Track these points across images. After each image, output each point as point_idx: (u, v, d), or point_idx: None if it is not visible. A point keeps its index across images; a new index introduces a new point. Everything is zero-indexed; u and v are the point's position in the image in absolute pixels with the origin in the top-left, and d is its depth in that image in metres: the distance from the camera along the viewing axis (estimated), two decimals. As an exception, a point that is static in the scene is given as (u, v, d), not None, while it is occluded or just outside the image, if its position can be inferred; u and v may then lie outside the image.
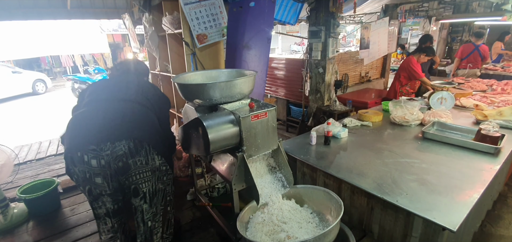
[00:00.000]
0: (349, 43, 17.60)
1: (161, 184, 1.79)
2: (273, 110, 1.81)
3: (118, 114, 1.64)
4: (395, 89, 4.28)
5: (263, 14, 2.84)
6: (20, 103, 10.10)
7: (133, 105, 1.72)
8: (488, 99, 3.35)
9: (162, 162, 1.76)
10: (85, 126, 1.60)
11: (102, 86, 1.90)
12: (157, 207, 1.82)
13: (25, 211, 2.81)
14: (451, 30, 8.64)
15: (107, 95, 1.77)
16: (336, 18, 3.91)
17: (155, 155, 1.69)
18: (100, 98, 1.76)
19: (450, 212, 1.46)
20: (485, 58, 5.67)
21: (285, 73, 5.54)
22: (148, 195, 1.72)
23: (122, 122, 1.60)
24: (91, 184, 1.61)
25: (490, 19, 6.24)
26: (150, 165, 1.67)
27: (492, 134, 2.13)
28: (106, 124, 1.58)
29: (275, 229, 1.60)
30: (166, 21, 3.49)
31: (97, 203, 1.70)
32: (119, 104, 1.70)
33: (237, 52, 2.96)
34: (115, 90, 1.81)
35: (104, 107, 1.68)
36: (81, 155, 1.54)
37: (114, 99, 1.73)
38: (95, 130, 1.56)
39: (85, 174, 1.58)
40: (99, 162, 1.55)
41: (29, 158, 4.39)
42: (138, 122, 1.66)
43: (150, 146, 1.65)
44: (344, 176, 1.88)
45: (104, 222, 1.77)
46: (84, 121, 1.63)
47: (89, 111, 1.66)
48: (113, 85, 1.90)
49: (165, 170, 1.81)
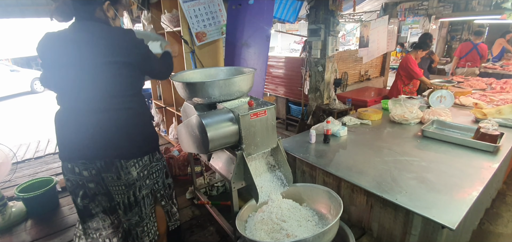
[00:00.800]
0: (349, 41, 17.61)
1: (144, 190, 1.69)
2: (272, 108, 1.80)
3: (88, 134, 1.50)
4: (398, 88, 4.26)
5: (262, 12, 2.83)
6: (18, 101, 10.07)
7: (112, 115, 1.52)
8: (487, 98, 3.35)
9: (142, 167, 1.64)
10: (68, 138, 1.55)
11: None
12: (141, 213, 1.71)
13: (24, 210, 2.80)
14: (451, 28, 8.64)
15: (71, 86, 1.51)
16: (336, 16, 3.91)
17: (131, 166, 1.58)
18: (67, 92, 1.53)
19: (449, 210, 1.46)
20: (483, 57, 5.68)
21: (284, 72, 5.54)
22: (122, 205, 1.66)
23: (93, 142, 1.51)
24: (85, 188, 1.63)
25: (490, 17, 6.24)
26: (123, 179, 1.59)
27: (491, 132, 2.13)
28: (79, 141, 1.52)
29: (274, 227, 1.60)
30: (165, 19, 3.48)
31: (94, 203, 1.68)
32: (91, 117, 1.50)
33: (236, 50, 2.95)
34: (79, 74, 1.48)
35: (72, 124, 1.52)
36: (72, 167, 1.56)
37: (83, 109, 1.50)
38: (77, 145, 1.53)
39: (77, 182, 1.60)
40: (91, 172, 1.57)
41: (27, 157, 4.38)
42: (112, 138, 1.52)
43: (122, 160, 1.55)
44: (343, 174, 1.88)
45: (102, 220, 1.75)
46: (67, 131, 1.55)
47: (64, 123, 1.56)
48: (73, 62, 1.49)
49: (148, 174, 1.69)
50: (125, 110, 1.56)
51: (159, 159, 1.80)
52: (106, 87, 1.50)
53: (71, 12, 1.51)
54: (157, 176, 1.79)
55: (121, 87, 1.54)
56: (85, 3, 1.50)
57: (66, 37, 1.48)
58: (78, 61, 1.45)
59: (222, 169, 1.93)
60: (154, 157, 1.74)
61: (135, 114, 1.60)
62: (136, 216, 1.70)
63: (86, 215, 1.71)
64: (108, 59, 1.47)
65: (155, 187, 1.79)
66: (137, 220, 1.71)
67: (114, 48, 1.48)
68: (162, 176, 1.83)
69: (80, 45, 1.46)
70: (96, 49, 1.46)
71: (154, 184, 1.77)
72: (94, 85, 1.48)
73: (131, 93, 1.60)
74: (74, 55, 1.45)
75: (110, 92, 1.51)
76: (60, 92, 1.54)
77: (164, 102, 4.54)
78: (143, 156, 1.65)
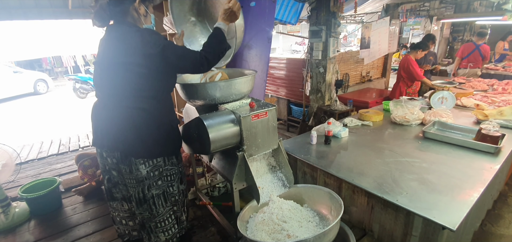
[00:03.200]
0: (350, 42, 17.58)
1: (155, 190, 1.74)
2: (273, 109, 1.81)
3: (109, 126, 1.66)
4: (400, 90, 4.25)
5: (264, 13, 2.84)
6: (21, 103, 10.12)
7: (127, 113, 1.61)
8: (489, 99, 3.35)
9: (153, 167, 1.69)
10: (95, 126, 1.75)
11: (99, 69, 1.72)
12: (152, 211, 1.77)
13: (27, 210, 2.82)
14: (453, 29, 8.63)
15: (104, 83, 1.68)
16: (337, 18, 3.91)
17: (141, 164, 1.66)
18: (100, 88, 1.71)
19: (450, 211, 1.46)
20: (485, 58, 5.66)
21: (286, 73, 5.55)
22: (134, 199, 1.76)
23: (111, 134, 1.67)
24: (110, 174, 1.81)
25: (491, 18, 6.23)
26: (134, 174, 1.69)
27: (493, 134, 2.13)
28: (102, 131, 1.71)
29: (276, 228, 1.60)
30: (167, 21, 3.50)
31: (116, 189, 1.86)
32: (114, 113, 1.63)
33: (238, 51, 2.96)
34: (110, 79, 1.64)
35: (100, 114, 1.71)
36: (100, 151, 1.77)
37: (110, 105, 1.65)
38: (101, 133, 1.72)
39: (105, 166, 1.80)
40: (113, 161, 1.74)
41: (30, 158, 4.40)
42: (124, 134, 1.62)
43: (132, 157, 1.65)
44: (344, 176, 1.89)
45: (121, 204, 1.90)
46: (95, 120, 1.75)
47: (96, 113, 1.74)
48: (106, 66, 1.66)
49: (159, 175, 1.73)
50: (136, 110, 1.62)
51: (175, 164, 1.84)
52: (120, 86, 1.60)
53: (107, 17, 1.60)
54: (171, 180, 1.82)
55: (133, 88, 1.59)
56: (117, 4, 1.58)
57: (102, 39, 1.66)
58: (103, 60, 1.64)
59: (223, 170, 1.94)
60: (169, 160, 1.78)
61: (147, 116, 1.64)
62: (147, 212, 1.78)
63: (109, 196, 1.90)
64: (121, 60, 1.55)
65: (169, 190, 1.83)
66: (148, 215, 1.79)
67: (127, 49, 1.55)
68: (177, 181, 1.86)
69: (105, 45, 1.63)
70: (113, 50, 1.58)
71: (167, 186, 1.81)
72: (112, 83, 1.63)
73: (146, 95, 1.62)
74: (101, 54, 1.65)
75: (123, 92, 1.60)
76: (95, 86, 1.75)
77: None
78: (152, 158, 1.69)
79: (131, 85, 1.58)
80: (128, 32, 1.57)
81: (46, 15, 4.12)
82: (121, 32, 1.58)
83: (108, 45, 1.61)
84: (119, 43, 1.56)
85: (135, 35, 1.55)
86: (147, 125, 1.64)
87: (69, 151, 4.64)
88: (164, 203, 1.80)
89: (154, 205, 1.76)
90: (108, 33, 1.63)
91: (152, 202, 1.75)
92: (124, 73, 1.56)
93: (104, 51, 1.63)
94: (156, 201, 1.76)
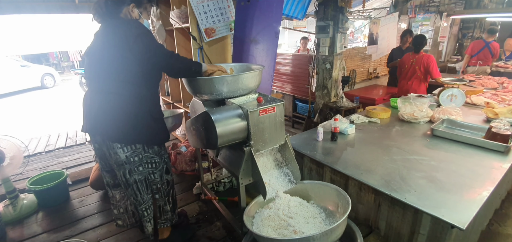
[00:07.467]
0: (357, 39, 17.40)
1: (137, 175, 1.85)
2: (281, 105, 1.80)
3: (93, 111, 1.79)
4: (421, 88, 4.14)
5: (271, 8, 2.82)
6: (29, 96, 10.25)
7: (105, 97, 1.73)
8: (499, 97, 3.29)
9: (132, 152, 1.80)
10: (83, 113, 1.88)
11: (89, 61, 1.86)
12: (136, 197, 1.90)
13: (35, 202, 2.86)
14: (462, 26, 8.46)
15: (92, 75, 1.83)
16: (345, 13, 3.85)
17: (118, 148, 1.77)
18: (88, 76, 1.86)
19: (459, 210, 1.44)
20: (495, 56, 5.56)
21: (291, 69, 5.51)
22: (121, 181, 1.91)
23: (95, 118, 1.79)
24: (101, 160, 1.97)
25: (503, 15, 6.09)
26: (113, 158, 1.81)
27: (503, 132, 2.10)
28: (85, 116, 1.85)
29: (282, 223, 1.60)
30: (174, 15, 3.50)
31: (103, 173, 2.04)
32: (95, 97, 1.78)
33: (245, 46, 2.95)
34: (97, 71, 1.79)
35: (86, 100, 1.85)
36: (90, 137, 1.96)
37: (93, 90, 1.81)
38: (85, 119, 1.86)
39: (97, 151, 1.95)
40: (95, 146, 1.93)
41: (38, 150, 4.46)
42: (104, 119, 1.75)
43: (109, 141, 1.77)
44: (351, 172, 1.87)
45: (114, 189, 2.07)
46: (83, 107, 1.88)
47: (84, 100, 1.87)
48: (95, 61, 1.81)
49: (140, 161, 1.84)
50: (114, 95, 1.72)
51: (157, 153, 1.92)
52: (102, 70, 1.74)
53: (103, 13, 1.74)
54: (153, 167, 1.91)
55: (112, 71, 1.71)
56: (111, 5, 1.73)
57: (95, 32, 1.81)
58: (91, 50, 1.79)
59: (230, 164, 1.94)
60: (149, 148, 1.86)
61: (124, 101, 1.72)
62: (132, 197, 1.92)
63: (106, 182, 2.07)
64: (105, 45, 1.71)
65: (151, 177, 1.92)
66: (133, 201, 1.94)
67: (113, 36, 1.69)
68: (160, 170, 1.95)
69: (96, 37, 1.78)
70: (101, 38, 1.75)
71: (149, 174, 1.90)
72: (96, 70, 1.77)
73: (123, 79, 1.71)
74: (91, 45, 1.80)
75: (105, 76, 1.73)
76: (85, 77, 1.90)
77: (171, 99, 4.57)
78: (128, 144, 1.78)
79: (111, 69, 1.70)
80: (116, 23, 1.73)
81: (53, 9, 4.15)
82: (112, 25, 1.73)
83: (98, 36, 1.78)
84: (107, 31, 1.73)
85: (122, 23, 1.71)
86: (123, 110, 1.73)
87: (76, 144, 4.69)
88: (146, 189, 1.91)
89: (138, 190, 1.88)
90: (101, 27, 1.79)
91: (136, 187, 1.88)
92: (108, 58, 1.70)
93: (94, 41, 1.79)
94: (140, 186, 1.89)
